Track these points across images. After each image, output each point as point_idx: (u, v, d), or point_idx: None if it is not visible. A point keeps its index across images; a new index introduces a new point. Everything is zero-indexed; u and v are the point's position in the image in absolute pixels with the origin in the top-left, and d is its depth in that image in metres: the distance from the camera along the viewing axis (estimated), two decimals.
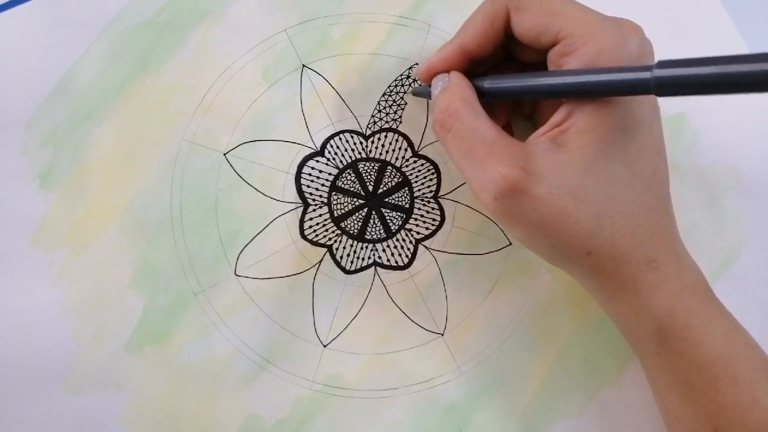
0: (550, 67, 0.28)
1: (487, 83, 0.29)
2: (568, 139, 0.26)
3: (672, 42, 0.28)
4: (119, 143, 0.34)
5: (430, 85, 0.31)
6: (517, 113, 0.34)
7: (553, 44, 0.27)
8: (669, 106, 0.36)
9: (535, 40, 0.28)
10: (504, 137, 0.27)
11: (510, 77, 0.28)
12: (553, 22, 0.27)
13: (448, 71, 0.30)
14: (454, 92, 0.29)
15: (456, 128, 0.27)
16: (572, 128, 0.26)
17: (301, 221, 0.34)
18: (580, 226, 0.26)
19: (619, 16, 0.28)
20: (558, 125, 0.27)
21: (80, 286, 0.33)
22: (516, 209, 0.26)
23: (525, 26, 0.28)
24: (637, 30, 0.28)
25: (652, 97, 0.28)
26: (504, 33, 0.29)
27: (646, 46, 0.28)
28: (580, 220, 0.26)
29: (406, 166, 0.35)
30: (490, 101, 0.30)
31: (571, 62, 0.26)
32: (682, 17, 0.37)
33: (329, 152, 0.35)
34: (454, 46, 0.30)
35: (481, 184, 0.26)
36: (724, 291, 0.29)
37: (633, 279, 0.27)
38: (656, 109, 0.28)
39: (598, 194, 0.26)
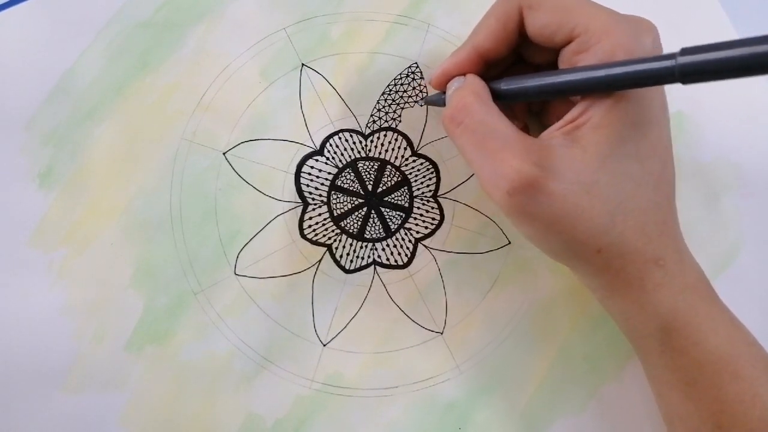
0: (562, 65, 0.28)
1: (504, 84, 0.29)
2: (582, 135, 0.26)
3: (671, 42, 0.28)
4: (119, 143, 0.34)
5: (443, 93, 0.30)
6: (528, 112, 0.34)
7: (567, 42, 0.27)
8: (669, 104, 0.36)
9: (548, 38, 0.28)
10: (517, 132, 0.27)
11: (528, 77, 0.28)
12: (568, 19, 0.27)
13: (463, 75, 0.30)
14: (466, 88, 0.28)
15: (467, 122, 0.27)
16: (587, 124, 0.26)
17: (301, 220, 0.34)
18: (593, 223, 0.26)
19: None
20: (573, 121, 0.26)
21: (80, 286, 0.33)
22: (530, 205, 0.26)
23: (538, 24, 0.27)
24: (652, 28, 0.28)
25: (662, 95, 0.28)
26: (517, 33, 0.29)
27: (658, 44, 0.28)
28: (594, 217, 0.26)
29: (406, 165, 0.35)
30: (508, 103, 0.29)
31: (587, 59, 0.26)
32: (680, 18, 0.37)
33: (329, 151, 0.35)
34: (467, 49, 0.29)
35: (494, 180, 0.26)
36: (723, 289, 0.29)
37: (640, 276, 0.27)
38: (665, 108, 0.28)
39: (611, 190, 0.26)
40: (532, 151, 0.26)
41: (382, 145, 0.35)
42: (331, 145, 0.35)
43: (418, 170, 0.35)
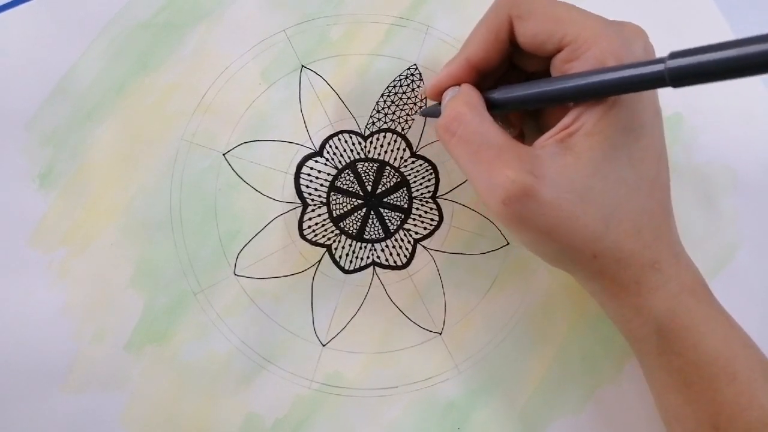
0: (554, 73, 0.28)
1: (498, 94, 0.29)
2: (575, 142, 0.26)
3: (670, 45, 0.28)
4: (119, 143, 0.34)
5: (439, 103, 0.31)
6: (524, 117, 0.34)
7: (558, 50, 0.27)
8: (666, 106, 0.36)
9: (539, 47, 0.28)
10: (511, 141, 0.27)
11: (521, 86, 0.28)
12: (557, 28, 0.27)
13: (458, 85, 0.30)
14: (460, 98, 0.28)
15: (461, 132, 0.27)
16: (580, 131, 0.26)
17: (300, 221, 0.35)
18: (588, 230, 0.26)
19: (615, 18, 0.28)
20: (566, 128, 0.27)
21: (80, 286, 0.33)
22: (525, 214, 0.26)
23: (529, 34, 0.28)
24: (641, 33, 0.28)
25: (654, 100, 0.28)
26: (509, 43, 0.29)
27: (649, 48, 0.28)
28: (588, 224, 0.26)
29: (405, 166, 0.35)
30: (502, 112, 0.30)
31: (577, 67, 0.26)
32: (676, 21, 0.37)
33: (328, 152, 0.35)
34: (460, 59, 0.29)
35: (489, 189, 0.26)
36: (720, 289, 0.29)
37: (636, 281, 0.27)
38: (658, 112, 0.28)
39: (606, 196, 0.26)
40: (525, 160, 0.26)
41: (382, 146, 0.35)
42: (330, 146, 0.35)
43: (417, 171, 0.35)
